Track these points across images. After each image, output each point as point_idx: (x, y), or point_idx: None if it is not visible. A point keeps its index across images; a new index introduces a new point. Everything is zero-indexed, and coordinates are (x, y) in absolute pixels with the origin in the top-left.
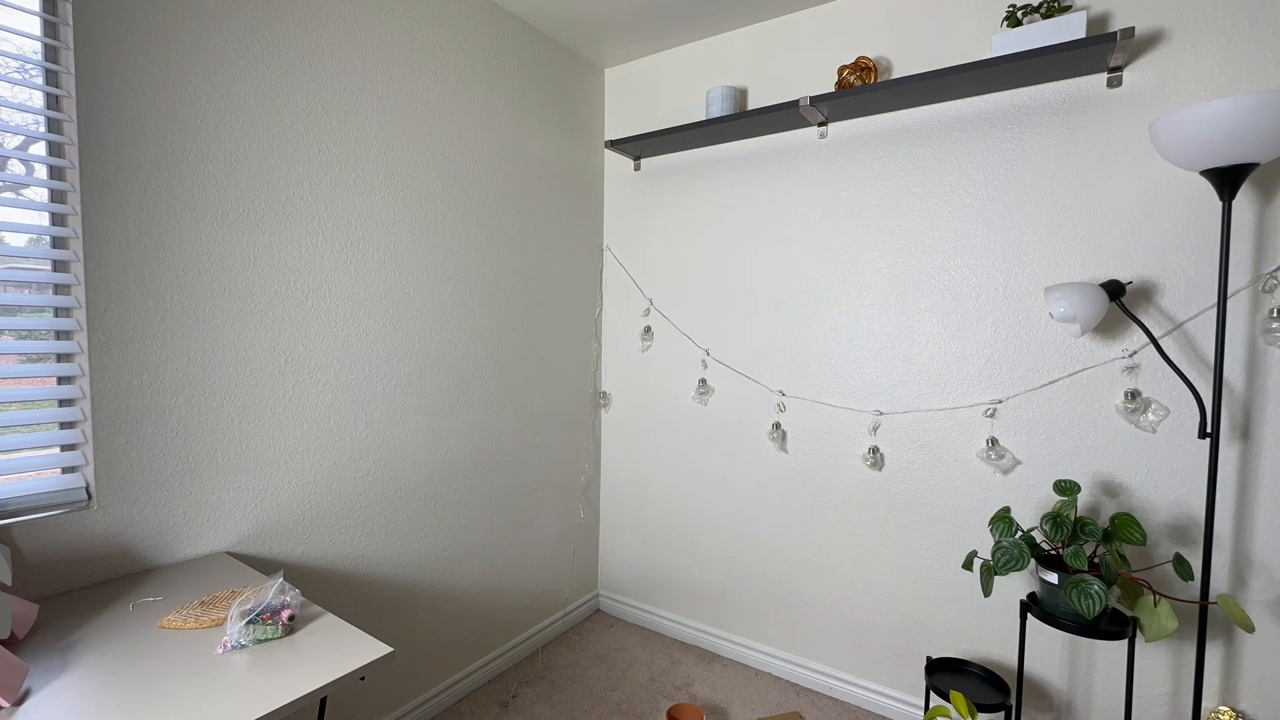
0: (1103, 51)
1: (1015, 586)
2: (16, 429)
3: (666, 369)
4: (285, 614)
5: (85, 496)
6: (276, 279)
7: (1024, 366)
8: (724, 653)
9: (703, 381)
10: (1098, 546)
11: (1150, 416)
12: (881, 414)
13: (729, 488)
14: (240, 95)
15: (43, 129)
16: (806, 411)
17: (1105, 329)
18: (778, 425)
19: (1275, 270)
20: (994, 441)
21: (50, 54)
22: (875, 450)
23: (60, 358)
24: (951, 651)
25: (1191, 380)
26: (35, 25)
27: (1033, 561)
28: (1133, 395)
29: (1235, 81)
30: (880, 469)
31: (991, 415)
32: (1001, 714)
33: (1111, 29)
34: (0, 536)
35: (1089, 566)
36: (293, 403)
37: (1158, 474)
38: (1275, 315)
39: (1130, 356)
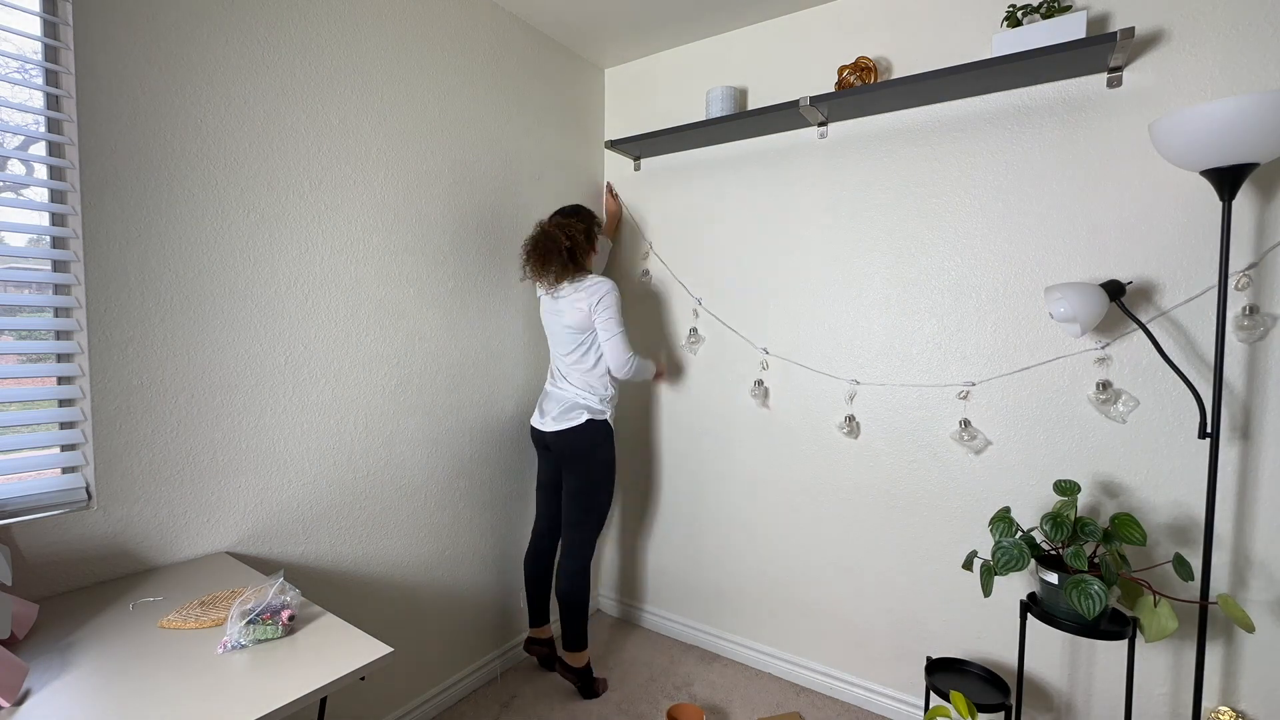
0: (1103, 52)
1: (1015, 586)
2: (16, 429)
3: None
4: (285, 614)
5: (85, 496)
6: (276, 279)
7: (1025, 366)
8: (724, 653)
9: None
10: (1098, 546)
11: (1120, 407)
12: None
13: (728, 489)
14: (240, 95)
15: (43, 129)
16: (803, 414)
17: (1106, 329)
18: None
19: (1248, 269)
20: (976, 432)
21: (50, 54)
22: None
23: (60, 358)
24: (951, 651)
25: (1191, 380)
26: (35, 25)
27: (1033, 561)
28: (1104, 386)
29: (1235, 81)
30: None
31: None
32: (1001, 714)
33: (1111, 29)
34: (0, 536)
35: (1089, 566)
36: (293, 402)
37: (1158, 474)
38: (1247, 313)
39: (1103, 348)
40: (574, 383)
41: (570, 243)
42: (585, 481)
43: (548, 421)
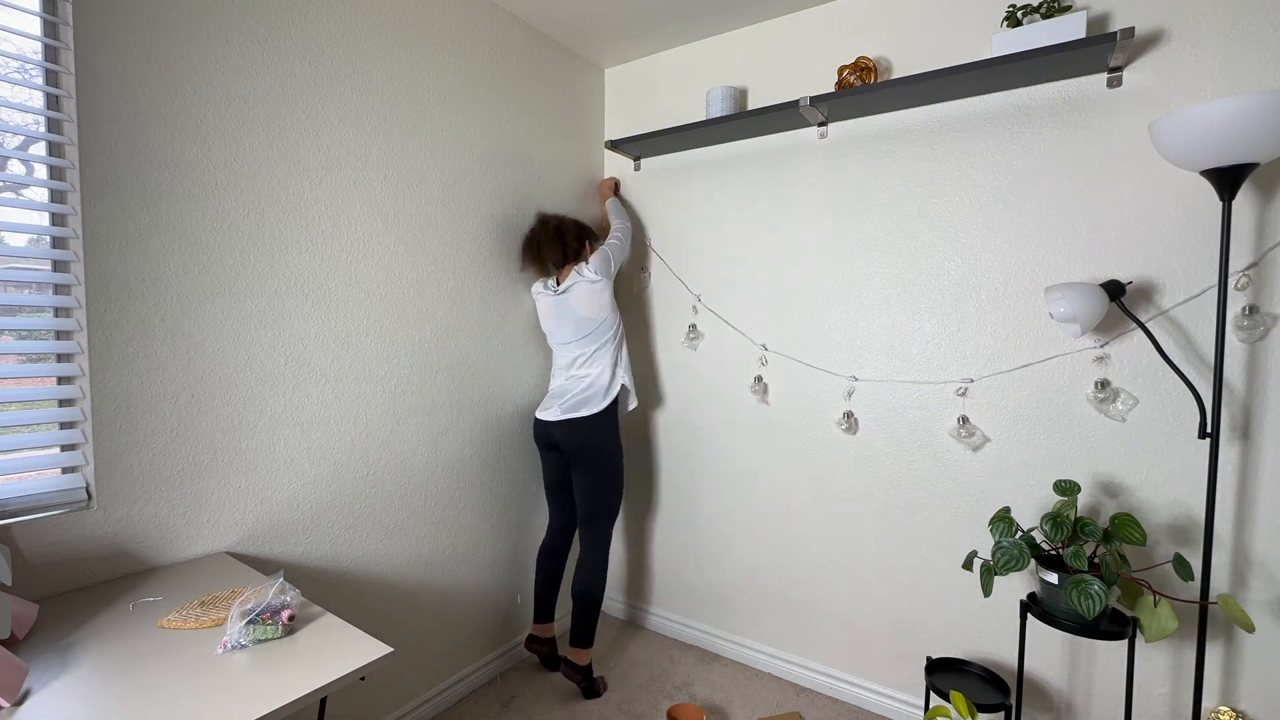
0: (1103, 52)
1: (1015, 586)
2: (16, 429)
3: (663, 370)
4: (285, 614)
5: (85, 496)
6: (276, 279)
7: (1024, 364)
8: (724, 653)
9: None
10: (1098, 546)
11: (1119, 406)
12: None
13: (727, 487)
14: (240, 95)
15: (43, 129)
16: (802, 412)
17: (1105, 328)
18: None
19: (1248, 269)
20: (974, 429)
21: (50, 54)
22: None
23: (60, 358)
24: (951, 651)
25: (1191, 380)
26: (35, 25)
27: (1033, 561)
28: (1102, 385)
29: (1235, 81)
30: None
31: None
32: (1001, 714)
33: (1111, 29)
34: (0, 536)
35: (1089, 566)
36: (292, 402)
37: (1158, 474)
38: (1247, 312)
39: (1102, 347)
40: (593, 367)
41: (557, 222)
42: (597, 477)
43: (555, 412)
